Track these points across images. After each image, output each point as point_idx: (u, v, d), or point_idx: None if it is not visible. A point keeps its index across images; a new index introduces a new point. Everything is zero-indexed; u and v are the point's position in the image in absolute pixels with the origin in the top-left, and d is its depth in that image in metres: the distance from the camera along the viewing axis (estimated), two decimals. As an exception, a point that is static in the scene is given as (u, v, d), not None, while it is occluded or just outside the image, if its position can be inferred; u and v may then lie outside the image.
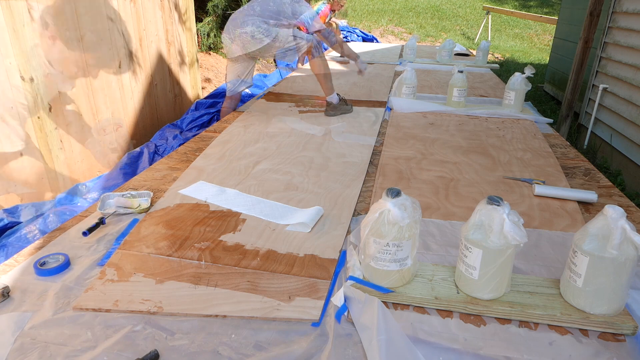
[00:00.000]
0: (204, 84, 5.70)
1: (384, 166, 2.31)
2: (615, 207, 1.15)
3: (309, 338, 1.16)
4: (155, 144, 3.67)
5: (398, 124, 3.01)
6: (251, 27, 3.01)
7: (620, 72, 4.12)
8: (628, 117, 3.89)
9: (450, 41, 5.39)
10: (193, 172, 2.18)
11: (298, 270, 1.43)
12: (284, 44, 3.05)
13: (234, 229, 1.67)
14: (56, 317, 1.21)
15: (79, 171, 3.23)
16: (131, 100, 3.83)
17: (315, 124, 2.99)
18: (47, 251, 1.50)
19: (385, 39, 10.48)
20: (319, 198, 1.94)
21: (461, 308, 1.25)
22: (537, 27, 12.08)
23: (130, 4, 3.73)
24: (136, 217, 1.74)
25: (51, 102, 2.90)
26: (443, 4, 13.57)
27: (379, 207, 1.24)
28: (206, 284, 1.35)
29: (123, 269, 1.41)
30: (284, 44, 3.05)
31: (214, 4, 6.21)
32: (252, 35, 3.00)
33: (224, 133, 2.78)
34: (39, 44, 2.79)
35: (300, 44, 3.11)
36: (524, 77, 3.19)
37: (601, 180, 2.21)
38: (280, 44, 3.05)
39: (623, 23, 4.19)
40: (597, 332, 1.20)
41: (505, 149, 2.58)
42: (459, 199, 1.97)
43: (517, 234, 1.15)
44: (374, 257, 1.26)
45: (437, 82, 4.35)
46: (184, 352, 1.11)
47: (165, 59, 4.37)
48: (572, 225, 1.76)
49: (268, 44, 3.02)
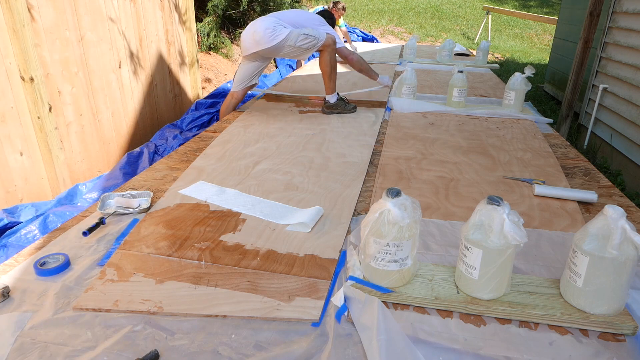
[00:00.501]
0: (204, 84, 5.70)
1: (384, 166, 2.31)
2: (615, 207, 1.15)
3: (309, 338, 1.16)
4: (155, 144, 3.67)
5: (398, 124, 3.01)
6: (264, 25, 3.08)
7: (620, 72, 4.12)
8: (628, 117, 3.89)
9: (450, 41, 5.39)
10: (193, 172, 2.18)
11: (298, 270, 1.43)
12: (296, 42, 3.07)
13: (234, 229, 1.67)
14: (56, 317, 1.21)
15: (79, 171, 3.23)
16: (131, 100, 3.83)
17: (315, 124, 2.99)
18: (47, 251, 1.50)
19: (385, 39, 10.48)
20: (319, 198, 1.94)
21: (461, 308, 1.25)
22: (537, 27, 12.08)
23: (130, 4, 3.73)
24: (136, 217, 1.74)
25: (51, 102, 2.90)
26: (443, 4, 13.57)
27: (379, 207, 1.24)
28: (206, 284, 1.35)
29: (123, 269, 1.41)
30: (294, 43, 3.07)
31: (214, 4, 6.21)
32: (263, 33, 3.05)
33: (224, 133, 2.78)
34: (39, 43, 2.79)
35: (312, 42, 3.12)
36: (524, 77, 3.19)
37: (601, 180, 2.21)
38: (291, 43, 3.06)
39: (623, 23, 4.19)
40: (597, 332, 1.20)
41: (505, 149, 2.58)
42: (459, 199, 1.97)
43: (517, 234, 1.15)
44: (374, 257, 1.26)
45: (437, 82, 4.35)
46: (184, 352, 1.11)
47: (165, 59, 4.37)
48: (572, 225, 1.76)
49: (280, 42, 3.05)
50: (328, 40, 3.17)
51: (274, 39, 3.04)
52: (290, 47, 3.09)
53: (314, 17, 3.33)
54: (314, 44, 3.13)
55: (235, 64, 6.56)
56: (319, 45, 3.15)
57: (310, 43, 3.11)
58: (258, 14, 7.03)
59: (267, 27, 3.05)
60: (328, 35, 3.19)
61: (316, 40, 3.12)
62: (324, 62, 3.23)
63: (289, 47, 3.09)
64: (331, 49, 3.20)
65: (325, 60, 3.22)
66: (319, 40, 3.13)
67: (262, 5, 7.05)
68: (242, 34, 3.23)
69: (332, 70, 3.24)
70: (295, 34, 3.06)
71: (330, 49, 3.20)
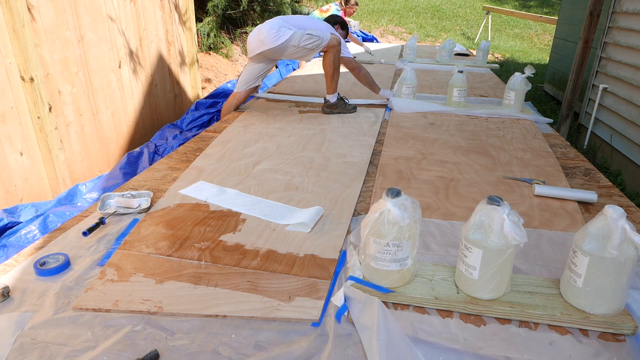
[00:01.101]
0: (204, 84, 5.70)
1: (384, 166, 2.31)
2: (615, 207, 1.15)
3: (309, 338, 1.16)
4: (155, 144, 3.67)
5: (398, 124, 3.01)
6: (269, 25, 3.09)
7: (620, 72, 4.12)
8: (628, 117, 3.89)
9: (450, 41, 5.39)
10: (193, 172, 2.18)
11: (298, 270, 1.43)
12: (300, 42, 3.07)
13: (234, 229, 1.67)
14: (56, 317, 1.21)
15: (79, 171, 3.23)
16: (131, 100, 3.83)
17: (315, 124, 2.99)
18: (47, 251, 1.50)
19: (385, 39, 10.48)
20: (319, 198, 1.94)
21: (461, 308, 1.25)
22: (537, 27, 12.08)
23: (130, 4, 3.73)
24: (136, 217, 1.74)
25: (51, 102, 2.90)
26: (443, 4, 13.57)
27: (379, 207, 1.24)
28: (206, 284, 1.35)
29: (123, 269, 1.41)
30: (298, 43, 3.07)
31: (214, 4, 6.21)
32: (268, 33, 3.06)
33: (224, 133, 2.78)
34: (39, 43, 2.79)
35: (316, 42, 3.12)
36: (524, 77, 3.19)
37: (601, 180, 2.21)
38: (295, 43, 3.07)
39: (623, 23, 4.19)
40: (597, 332, 1.20)
41: (505, 149, 2.58)
42: (459, 199, 1.97)
43: (517, 234, 1.15)
44: (374, 257, 1.26)
45: (437, 82, 4.35)
46: (184, 352, 1.11)
47: (165, 59, 4.37)
48: (572, 225, 1.76)
49: (284, 42, 3.05)
50: (332, 41, 3.17)
51: (278, 39, 3.04)
52: (294, 47, 3.09)
53: (322, 24, 3.34)
54: (318, 44, 3.12)
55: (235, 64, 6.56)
56: (323, 46, 3.15)
57: (314, 43, 3.11)
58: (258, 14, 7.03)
59: (272, 27, 3.06)
60: (332, 35, 3.19)
61: (320, 41, 3.12)
62: (327, 63, 3.23)
63: (293, 47, 3.09)
64: (336, 49, 3.20)
65: (329, 61, 3.22)
66: (323, 40, 3.13)
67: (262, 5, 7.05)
68: (249, 36, 3.26)
69: (335, 71, 3.24)
70: (299, 34, 3.07)
71: (335, 49, 3.20)
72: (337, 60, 3.24)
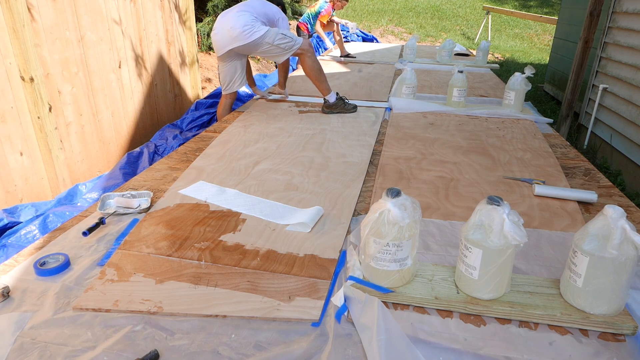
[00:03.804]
0: (204, 84, 5.70)
1: (384, 166, 2.30)
2: (615, 207, 1.15)
3: (309, 338, 1.16)
4: (155, 144, 3.67)
5: (398, 124, 3.01)
6: (242, 21, 3.01)
7: (620, 72, 4.12)
8: (628, 117, 3.89)
9: (450, 41, 5.39)
10: (193, 172, 2.18)
11: (298, 270, 1.43)
12: (274, 40, 3.06)
13: (234, 229, 1.67)
14: (56, 317, 1.21)
15: (79, 171, 3.24)
16: (131, 100, 3.83)
17: (315, 124, 2.99)
18: (47, 251, 1.50)
19: (385, 39, 10.48)
20: (319, 198, 1.94)
21: (461, 308, 1.25)
22: (537, 27, 12.08)
23: (130, 4, 3.73)
24: (136, 217, 1.74)
25: (51, 102, 2.90)
26: (443, 4, 13.57)
27: (379, 207, 1.24)
28: (206, 284, 1.35)
29: (123, 269, 1.41)
30: (272, 41, 3.06)
31: (214, 4, 6.21)
32: (242, 29, 3.00)
33: (224, 133, 2.78)
34: (39, 43, 2.79)
35: (289, 43, 3.12)
36: (524, 77, 3.19)
37: (601, 180, 2.21)
38: (269, 41, 3.05)
39: (623, 23, 4.19)
40: (597, 332, 1.20)
41: (505, 149, 2.58)
42: (459, 199, 1.97)
43: (517, 234, 1.15)
44: (374, 257, 1.26)
45: (437, 82, 4.35)
46: (184, 352, 1.11)
47: (165, 59, 4.37)
48: (572, 225, 1.76)
49: (257, 40, 3.03)
50: (305, 45, 3.20)
51: (253, 34, 3.00)
52: (268, 45, 3.07)
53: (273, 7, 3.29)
54: (291, 46, 3.14)
55: (235, 64, 6.54)
56: (296, 48, 3.17)
57: (287, 44, 3.12)
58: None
59: (246, 23, 3.00)
60: (305, 40, 3.23)
61: (293, 42, 3.15)
62: (307, 68, 3.25)
63: (267, 45, 3.07)
64: (310, 52, 3.23)
65: (309, 66, 3.24)
66: (296, 42, 3.16)
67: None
68: (213, 32, 3.14)
69: (319, 72, 3.26)
70: (273, 32, 3.06)
71: (310, 53, 3.23)
72: (316, 62, 3.26)
